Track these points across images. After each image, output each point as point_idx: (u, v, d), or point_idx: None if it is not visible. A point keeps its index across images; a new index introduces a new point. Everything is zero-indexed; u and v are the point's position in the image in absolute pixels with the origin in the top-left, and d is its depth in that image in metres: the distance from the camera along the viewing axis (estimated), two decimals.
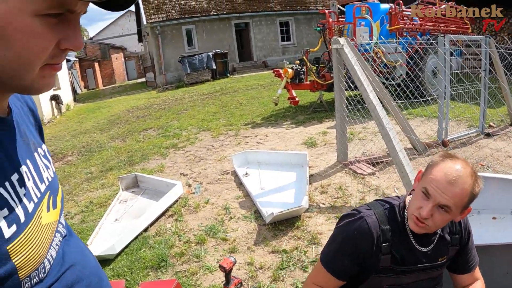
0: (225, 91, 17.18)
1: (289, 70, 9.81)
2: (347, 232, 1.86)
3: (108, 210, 5.31)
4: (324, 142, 7.39)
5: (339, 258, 1.86)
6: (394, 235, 1.83)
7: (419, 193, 1.73)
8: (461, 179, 1.64)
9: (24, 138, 1.02)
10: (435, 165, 1.72)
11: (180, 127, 10.51)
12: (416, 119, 8.02)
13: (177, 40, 26.37)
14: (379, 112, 4.86)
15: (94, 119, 15.72)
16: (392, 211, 1.88)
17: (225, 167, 6.58)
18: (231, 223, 4.67)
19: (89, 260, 1.17)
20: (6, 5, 0.73)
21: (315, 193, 5.15)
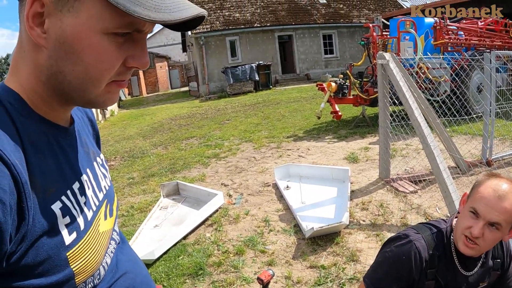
0: (267, 103, 17.24)
1: (333, 84, 9.77)
2: (395, 256, 1.83)
3: (149, 216, 5.40)
4: (366, 157, 7.31)
5: (387, 283, 1.83)
6: (440, 261, 1.81)
7: (467, 213, 1.71)
8: (510, 194, 1.63)
9: (85, 147, 1.06)
10: (481, 184, 1.72)
11: (222, 137, 10.61)
12: (460, 137, 7.83)
13: (221, 51, 26.68)
14: (423, 130, 4.79)
15: (137, 125, 16.02)
16: (440, 236, 1.85)
17: (266, 179, 6.59)
18: (270, 235, 4.66)
19: (141, 269, 1.20)
20: (77, 21, 0.78)
21: (355, 209, 5.09)
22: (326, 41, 29.16)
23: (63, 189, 0.89)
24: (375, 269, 1.92)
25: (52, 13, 0.79)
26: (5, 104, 0.84)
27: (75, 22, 0.79)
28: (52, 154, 0.89)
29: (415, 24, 9.70)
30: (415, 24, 9.70)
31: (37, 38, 0.81)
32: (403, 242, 1.83)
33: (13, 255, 0.76)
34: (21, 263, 0.77)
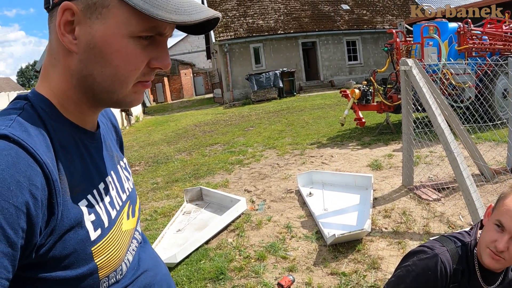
0: (291, 110, 17.26)
1: (356, 91, 9.74)
2: (420, 270, 1.78)
3: (172, 220, 5.47)
4: (389, 165, 7.27)
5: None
6: (464, 276, 1.77)
7: (492, 226, 1.68)
8: None
9: (109, 151, 1.14)
10: (506, 196, 1.67)
11: (246, 144, 10.67)
12: (485, 143, 7.71)
13: (245, 58, 26.82)
14: (447, 136, 4.75)
15: (161, 131, 16.20)
16: (464, 249, 1.81)
17: (289, 186, 6.61)
18: (292, 242, 4.68)
19: (161, 268, 1.26)
20: (105, 27, 0.87)
21: (378, 216, 5.08)
22: (350, 47, 29.04)
23: (90, 189, 0.96)
24: (398, 284, 1.85)
25: (82, 21, 0.87)
26: (38, 110, 0.91)
27: (103, 28, 0.87)
28: (80, 156, 0.96)
29: (438, 29, 9.62)
30: (439, 30, 9.62)
31: (69, 44, 0.88)
32: (428, 256, 1.78)
33: (42, 247, 0.82)
34: (49, 255, 0.83)
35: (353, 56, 29.22)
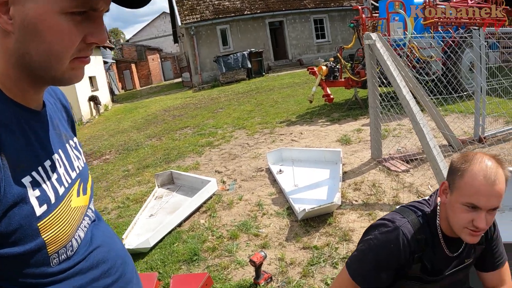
0: (260, 90, 17.23)
1: (323, 68, 9.74)
2: (382, 244, 1.75)
3: (144, 206, 5.44)
4: (358, 139, 7.34)
5: (376, 274, 1.76)
6: (427, 245, 1.76)
7: (461, 207, 1.62)
8: (498, 174, 1.57)
9: (56, 130, 1.13)
10: (466, 172, 1.60)
11: (215, 126, 10.63)
12: (452, 115, 7.84)
13: (212, 40, 26.58)
14: (412, 108, 4.80)
15: (131, 118, 16.02)
16: (425, 219, 1.79)
17: (260, 164, 6.63)
18: (263, 219, 4.70)
19: (115, 244, 1.25)
20: (37, 5, 0.86)
21: (348, 190, 5.13)
22: (317, 25, 29.00)
23: (34, 166, 0.96)
24: (360, 258, 1.82)
25: (16, 1, 0.86)
26: None
27: (35, 6, 0.86)
28: (23, 134, 0.95)
29: (404, 4, 9.66)
30: (404, 5, 9.66)
31: (5, 24, 0.88)
32: (389, 229, 1.76)
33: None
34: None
35: (321, 34, 29.21)
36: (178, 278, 3.62)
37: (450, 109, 7.89)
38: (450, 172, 1.70)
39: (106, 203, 6.09)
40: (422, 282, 1.79)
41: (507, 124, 6.92)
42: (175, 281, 3.55)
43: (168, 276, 3.74)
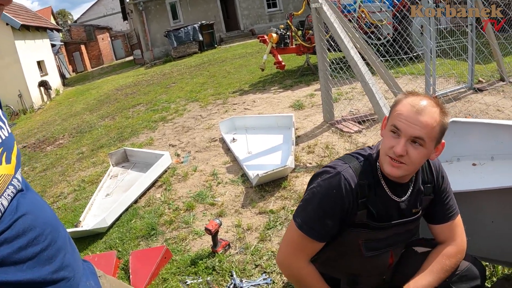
0: (213, 62, 17.07)
1: (274, 35, 9.67)
2: (325, 190, 1.75)
3: (99, 186, 5.36)
4: (311, 104, 7.38)
5: (321, 221, 1.75)
6: (371, 189, 1.76)
7: (388, 133, 1.68)
8: (428, 108, 1.61)
9: None
10: (399, 102, 1.68)
11: (168, 100, 10.49)
12: (404, 77, 7.96)
13: (162, 15, 26.04)
14: (360, 68, 4.84)
15: (83, 101, 15.63)
16: (367, 163, 1.80)
17: (213, 135, 6.61)
18: (218, 188, 4.70)
19: (44, 211, 1.21)
20: None
21: (302, 153, 5.17)
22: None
23: None
24: (305, 207, 1.82)
25: None
26: None
27: None
28: None
29: None
30: None
31: None
32: (331, 175, 1.75)
33: None
34: None
35: (272, 3, 28.96)
36: (137, 254, 3.60)
37: (401, 71, 8.00)
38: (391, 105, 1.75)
39: (62, 188, 5.97)
40: (370, 229, 1.79)
41: (458, 83, 7.08)
42: (134, 257, 3.54)
43: (127, 254, 3.72)
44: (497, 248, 2.59)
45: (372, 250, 1.84)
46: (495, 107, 5.72)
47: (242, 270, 3.21)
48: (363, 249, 1.83)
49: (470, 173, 2.47)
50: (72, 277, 1.21)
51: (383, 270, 1.97)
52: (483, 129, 2.57)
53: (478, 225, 2.60)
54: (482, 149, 2.57)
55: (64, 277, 1.17)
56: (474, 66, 6.73)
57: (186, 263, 3.41)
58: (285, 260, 1.88)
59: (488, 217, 2.56)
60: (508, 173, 2.33)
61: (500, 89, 6.67)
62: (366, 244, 1.83)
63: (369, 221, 1.78)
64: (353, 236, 1.82)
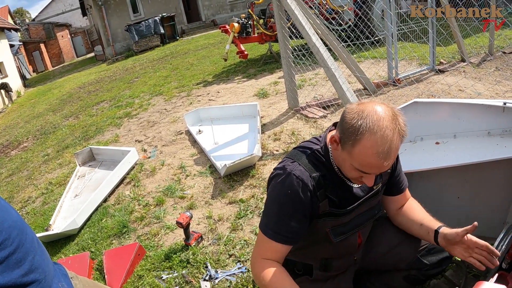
0: (175, 54, 16.92)
1: (235, 25, 9.64)
2: (280, 194, 1.74)
3: (67, 188, 5.29)
4: (275, 91, 7.41)
5: (285, 224, 1.73)
6: (326, 179, 1.76)
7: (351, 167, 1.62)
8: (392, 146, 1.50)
9: None
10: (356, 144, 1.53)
11: (132, 96, 10.39)
12: (367, 61, 8.07)
13: (122, 9, 25.57)
14: (322, 54, 4.88)
15: (46, 101, 15.30)
16: (315, 156, 1.80)
17: (179, 128, 6.59)
18: (187, 180, 4.71)
19: (9, 215, 1.19)
20: None
21: (268, 141, 5.20)
22: None
23: None
24: (267, 213, 1.81)
25: None
26: None
27: None
28: None
29: None
30: None
31: None
32: (283, 177, 1.74)
33: None
34: None
35: None
36: (110, 253, 3.58)
37: (363, 55, 8.10)
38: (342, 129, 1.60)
39: (29, 192, 5.86)
40: (334, 216, 1.82)
41: (420, 66, 7.21)
42: (107, 257, 3.52)
43: (100, 254, 3.69)
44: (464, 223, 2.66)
45: (340, 235, 1.87)
46: (456, 87, 5.85)
47: (216, 260, 3.23)
48: (331, 236, 1.86)
49: (434, 151, 2.52)
50: (42, 279, 1.21)
51: (352, 251, 2.01)
52: (445, 109, 2.61)
53: (444, 202, 2.68)
54: (445, 128, 2.62)
55: (34, 280, 1.17)
56: (435, 48, 6.86)
57: (160, 258, 3.41)
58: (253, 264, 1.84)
59: (453, 194, 2.64)
60: (471, 150, 2.39)
61: (461, 69, 6.83)
62: (333, 230, 1.86)
63: (332, 209, 1.80)
64: (320, 226, 1.84)
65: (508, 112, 2.38)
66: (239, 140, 5.36)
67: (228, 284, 2.95)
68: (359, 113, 1.53)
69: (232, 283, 2.94)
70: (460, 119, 2.56)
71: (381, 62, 7.49)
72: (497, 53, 7.33)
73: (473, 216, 2.63)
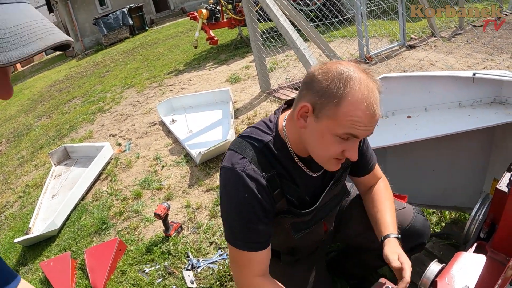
0: (145, 45, 16.71)
1: (204, 11, 9.56)
2: (237, 200, 1.51)
3: (44, 189, 5.21)
4: (247, 76, 7.40)
5: (253, 230, 1.53)
6: (281, 177, 1.57)
7: (333, 138, 1.38)
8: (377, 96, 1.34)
9: None
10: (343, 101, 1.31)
11: (104, 90, 10.24)
12: (337, 40, 8.07)
13: (88, 2, 25.08)
14: (291, 35, 4.87)
15: (17, 102, 14.99)
16: (267, 150, 1.55)
17: (152, 119, 6.54)
18: (163, 171, 4.69)
19: None
20: None
21: (242, 125, 5.20)
22: None
23: None
24: (229, 224, 1.59)
25: None
26: None
27: None
28: None
29: None
30: None
31: None
32: (234, 181, 1.51)
33: None
34: None
35: None
36: (91, 251, 3.56)
37: (333, 35, 8.09)
38: (317, 94, 1.36)
39: (7, 197, 5.75)
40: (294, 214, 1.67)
41: (391, 42, 7.25)
42: (89, 255, 3.49)
43: (82, 252, 3.65)
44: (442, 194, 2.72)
45: (301, 230, 1.76)
46: (428, 61, 5.90)
47: (198, 249, 3.23)
48: (291, 233, 1.74)
49: (406, 125, 2.52)
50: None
51: (318, 239, 1.92)
52: (415, 82, 2.61)
53: (420, 175, 2.71)
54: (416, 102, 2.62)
55: None
56: (405, 24, 6.91)
57: (141, 252, 3.40)
58: (243, 284, 1.63)
59: (428, 167, 2.67)
60: (443, 122, 2.40)
61: (432, 44, 6.88)
62: (294, 227, 1.73)
63: (291, 208, 1.65)
64: (278, 221, 1.68)
65: (478, 82, 2.39)
66: (213, 127, 5.34)
67: (210, 272, 2.96)
68: (333, 70, 1.34)
69: (214, 271, 2.95)
70: (430, 92, 2.56)
71: (352, 41, 7.51)
72: (467, 26, 7.40)
73: (449, 187, 2.67)
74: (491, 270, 1.43)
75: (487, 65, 5.52)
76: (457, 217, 2.79)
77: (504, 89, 2.35)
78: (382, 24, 7.27)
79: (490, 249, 1.52)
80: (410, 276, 1.47)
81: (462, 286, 1.34)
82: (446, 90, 2.52)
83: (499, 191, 1.60)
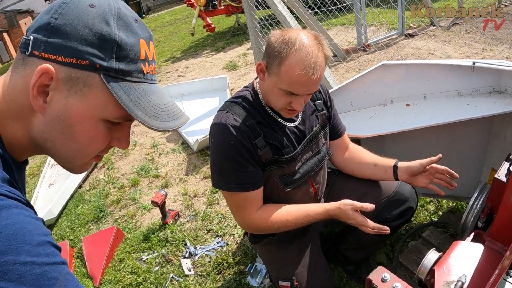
0: None
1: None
2: (225, 147, 1.70)
3: (41, 178, 5.18)
4: (245, 63, 7.36)
5: (244, 172, 1.73)
6: (261, 126, 1.75)
7: (280, 92, 1.63)
8: (318, 62, 1.55)
9: None
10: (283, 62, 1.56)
11: None
12: (335, 28, 8.03)
13: None
14: (289, 22, 4.81)
15: None
16: (248, 103, 1.78)
17: None
18: (160, 159, 4.68)
19: None
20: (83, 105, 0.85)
21: None
22: None
23: None
24: (220, 170, 1.78)
25: (59, 89, 0.83)
26: None
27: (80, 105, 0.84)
28: None
29: None
30: None
31: (38, 106, 0.84)
32: (219, 131, 1.71)
33: None
34: None
35: None
36: (89, 239, 3.56)
37: (332, 23, 8.04)
38: (267, 54, 1.63)
39: None
40: (280, 164, 1.81)
41: (389, 31, 7.20)
42: (86, 243, 3.49)
43: (79, 241, 3.64)
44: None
45: (290, 184, 1.88)
46: (426, 50, 5.86)
47: (195, 237, 3.23)
48: (280, 185, 1.86)
49: (405, 113, 2.51)
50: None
51: (309, 201, 1.99)
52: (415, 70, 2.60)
53: None
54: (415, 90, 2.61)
55: None
56: (404, 12, 6.85)
57: (139, 239, 3.40)
58: (248, 224, 1.86)
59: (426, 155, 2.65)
60: (441, 110, 2.39)
61: (431, 33, 6.84)
62: (282, 179, 1.86)
63: (276, 156, 1.78)
64: (268, 176, 1.83)
65: (478, 71, 2.38)
66: (210, 114, 5.31)
67: (208, 259, 2.96)
68: (284, 36, 1.58)
69: (212, 258, 2.95)
70: (429, 80, 2.55)
71: (350, 29, 7.47)
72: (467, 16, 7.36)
73: None
74: (488, 259, 1.43)
75: (486, 55, 5.49)
76: (455, 206, 2.79)
77: (504, 78, 2.34)
78: (381, 12, 7.22)
79: (487, 239, 1.52)
80: None
81: (459, 275, 1.34)
82: (445, 78, 2.50)
83: (497, 180, 1.61)
